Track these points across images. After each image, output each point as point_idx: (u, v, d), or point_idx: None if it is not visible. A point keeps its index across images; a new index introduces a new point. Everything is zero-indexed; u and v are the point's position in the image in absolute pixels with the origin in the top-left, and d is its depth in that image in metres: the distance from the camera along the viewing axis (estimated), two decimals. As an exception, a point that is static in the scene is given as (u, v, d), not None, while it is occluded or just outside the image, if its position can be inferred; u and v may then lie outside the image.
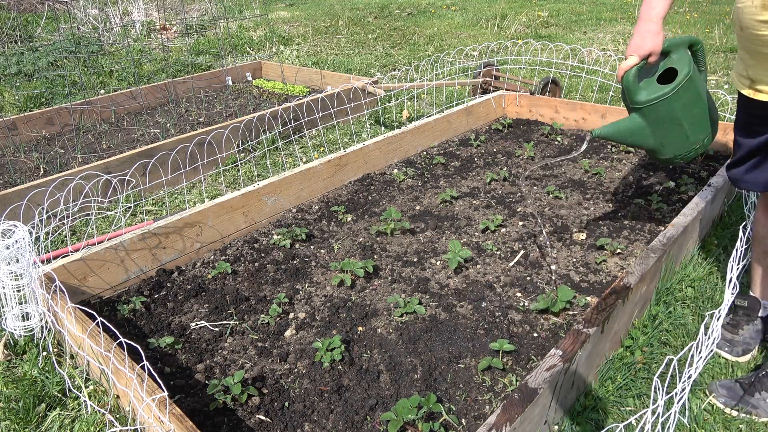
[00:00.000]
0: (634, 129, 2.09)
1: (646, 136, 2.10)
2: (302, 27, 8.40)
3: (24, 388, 1.91)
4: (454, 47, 6.81)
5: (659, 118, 2.04)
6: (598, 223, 2.80)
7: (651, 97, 2.01)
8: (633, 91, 2.03)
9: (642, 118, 2.06)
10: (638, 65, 2.00)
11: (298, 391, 1.84)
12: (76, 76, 5.65)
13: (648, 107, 2.03)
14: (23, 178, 3.48)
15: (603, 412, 1.81)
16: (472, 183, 3.28)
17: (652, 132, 2.08)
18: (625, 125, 2.10)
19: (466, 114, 4.02)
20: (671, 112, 2.02)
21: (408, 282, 2.39)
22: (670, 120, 2.04)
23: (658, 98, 2.00)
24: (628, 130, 2.10)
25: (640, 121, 2.07)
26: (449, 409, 1.76)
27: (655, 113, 2.03)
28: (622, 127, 2.11)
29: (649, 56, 1.99)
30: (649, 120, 2.05)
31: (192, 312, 2.24)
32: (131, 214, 3.11)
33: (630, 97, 2.05)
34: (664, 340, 2.11)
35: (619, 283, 1.96)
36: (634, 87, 2.03)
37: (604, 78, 5.07)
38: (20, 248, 1.97)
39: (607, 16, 8.45)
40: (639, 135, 2.10)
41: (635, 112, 2.08)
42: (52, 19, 8.02)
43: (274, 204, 2.89)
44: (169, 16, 8.65)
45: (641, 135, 2.10)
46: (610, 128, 2.13)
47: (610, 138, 2.14)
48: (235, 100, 4.93)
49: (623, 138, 2.13)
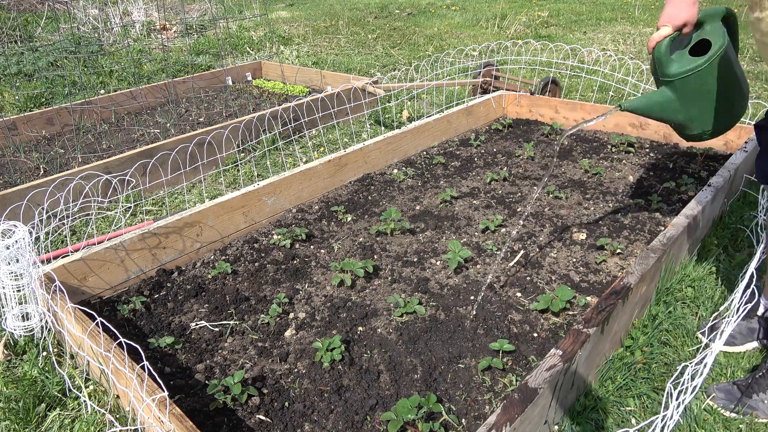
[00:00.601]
0: (664, 103, 2.01)
1: (675, 110, 2.02)
2: (302, 27, 8.40)
3: (24, 388, 1.91)
4: (454, 47, 6.81)
5: (690, 91, 1.96)
6: (598, 223, 2.80)
7: (683, 69, 1.92)
8: (665, 63, 1.95)
9: (672, 91, 1.98)
10: (671, 36, 1.92)
11: (298, 391, 1.84)
12: (76, 76, 5.65)
13: (679, 80, 1.94)
14: (23, 178, 3.48)
15: (603, 412, 1.81)
16: (472, 183, 3.28)
17: (681, 106, 2.00)
18: (654, 99, 2.02)
19: (466, 114, 4.02)
20: (703, 85, 1.94)
21: (408, 282, 2.39)
22: (702, 94, 1.96)
23: (690, 71, 1.91)
24: (657, 104, 2.02)
25: (670, 94, 1.99)
26: (449, 409, 1.76)
27: (687, 87, 1.95)
28: (652, 100, 2.02)
29: (684, 27, 1.91)
30: (679, 94, 1.97)
31: (192, 312, 2.24)
32: (131, 214, 3.11)
33: (661, 70, 1.97)
34: (664, 340, 2.11)
35: (619, 283, 1.96)
36: (666, 59, 1.94)
37: (604, 78, 5.07)
38: (20, 248, 1.97)
39: (607, 16, 8.45)
40: (668, 109, 2.02)
41: (665, 86, 1.99)
42: (52, 19, 8.02)
43: (274, 204, 2.89)
44: (169, 16, 8.65)
45: (670, 109, 2.02)
46: (639, 101, 2.04)
47: (638, 111, 2.05)
48: (235, 100, 4.93)
49: (651, 112, 2.05)
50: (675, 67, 1.94)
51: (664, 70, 1.96)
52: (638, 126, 3.78)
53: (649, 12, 8.62)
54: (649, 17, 8.23)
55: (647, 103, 2.04)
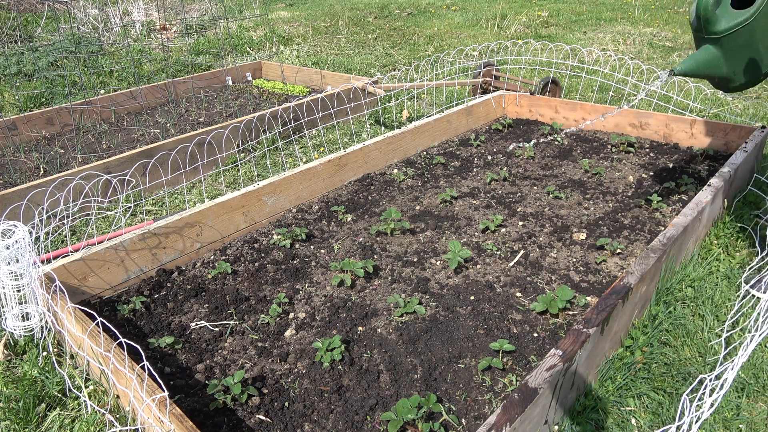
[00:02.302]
0: (710, 60, 2.04)
1: (720, 66, 2.05)
2: (302, 27, 8.40)
3: (24, 388, 1.91)
4: (454, 47, 6.81)
5: (736, 46, 1.97)
6: (598, 223, 2.80)
7: (731, 24, 1.93)
8: (712, 20, 1.95)
9: (718, 48, 2.00)
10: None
11: (298, 391, 1.84)
12: (76, 76, 5.65)
13: (726, 36, 1.95)
14: (23, 178, 3.48)
15: (603, 412, 1.81)
16: (472, 183, 3.28)
17: (726, 61, 2.03)
18: (702, 57, 2.04)
19: (466, 114, 4.02)
20: (750, 38, 1.95)
21: (408, 282, 2.39)
22: (747, 47, 1.97)
23: (738, 25, 1.92)
24: (705, 62, 2.05)
25: (716, 51, 2.01)
26: (449, 409, 1.76)
27: (733, 42, 1.96)
28: (699, 59, 2.05)
29: None
30: (725, 49, 1.99)
31: (192, 312, 2.24)
32: (131, 214, 3.11)
33: (708, 27, 1.97)
34: (664, 340, 2.11)
35: (619, 283, 1.96)
36: (712, 15, 1.95)
37: (604, 78, 5.07)
38: (20, 248, 1.97)
39: (607, 16, 8.45)
40: (714, 66, 2.05)
41: (710, 43, 2.01)
42: (52, 19, 8.02)
43: (274, 204, 2.89)
44: (169, 16, 8.65)
45: (716, 66, 2.05)
46: (690, 63, 2.07)
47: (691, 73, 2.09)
48: (235, 100, 4.93)
49: (701, 70, 2.07)
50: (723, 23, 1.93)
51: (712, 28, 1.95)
52: (638, 126, 3.78)
53: (649, 12, 8.62)
54: (649, 17, 8.23)
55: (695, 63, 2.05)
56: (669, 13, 8.52)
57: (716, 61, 2.03)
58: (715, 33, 1.97)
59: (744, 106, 4.45)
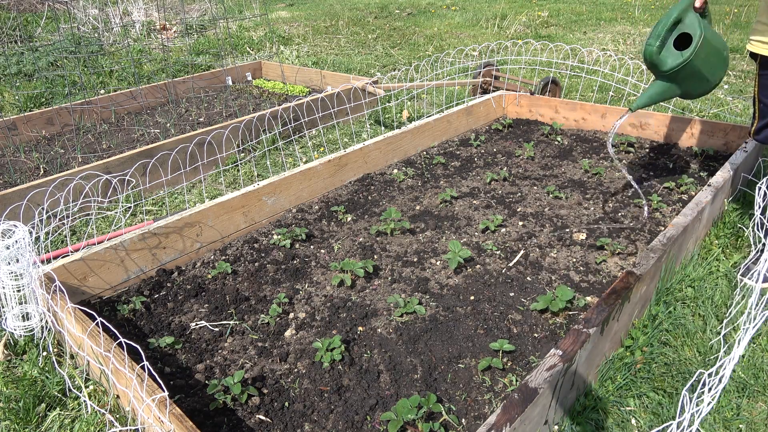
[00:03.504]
0: (664, 91, 2.47)
1: (674, 91, 2.48)
2: (302, 27, 8.40)
3: (24, 388, 1.91)
4: (454, 47, 6.81)
5: (684, 76, 2.39)
6: (598, 223, 2.80)
7: (676, 62, 2.34)
8: (659, 63, 2.38)
9: (669, 81, 2.43)
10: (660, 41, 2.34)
11: (298, 391, 1.84)
12: (76, 76, 5.65)
13: (674, 71, 2.37)
14: (23, 178, 3.48)
15: (603, 412, 1.81)
16: (472, 183, 3.28)
17: (678, 87, 2.46)
18: (655, 91, 2.48)
19: (466, 114, 4.02)
20: (693, 68, 2.36)
21: (408, 282, 2.39)
22: (693, 74, 2.39)
23: (682, 62, 2.33)
24: (658, 94, 2.48)
25: (668, 83, 2.44)
26: (449, 409, 1.76)
27: (681, 73, 2.38)
28: (653, 93, 2.48)
29: None
30: (675, 80, 2.42)
31: (192, 312, 2.24)
32: (131, 214, 3.11)
33: (658, 69, 2.40)
34: (664, 340, 2.11)
35: (619, 283, 1.96)
36: (658, 59, 2.37)
37: (604, 78, 5.07)
38: (20, 248, 1.97)
39: (607, 16, 8.45)
40: (669, 93, 2.48)
41: (661, 79, 2.44)
42: (52, 19, 8.02)
43: (274, 204, 2.89)
44: (169, 16, 8.65)
45: (671, 92, 2.48)
46: (643, 98, 2.50)
47: (646, 105, 2.53)
48: (235, 100, 4.93)
49: (655, 101, 2.51)
50: (669, 62, 2.36)
51: (660, 69, 2.40)
52: (638, 126, 3.78)
53: (649, 12, 8.62)
54: (649, 17, 8.23)
55: (651, 96, 2.49)
56: (669, 13, 8.50)
57: (670, 89, 2.47)
58: (664, 72, 2.40)
59: (744, 106, 4.45)
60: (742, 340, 1.68)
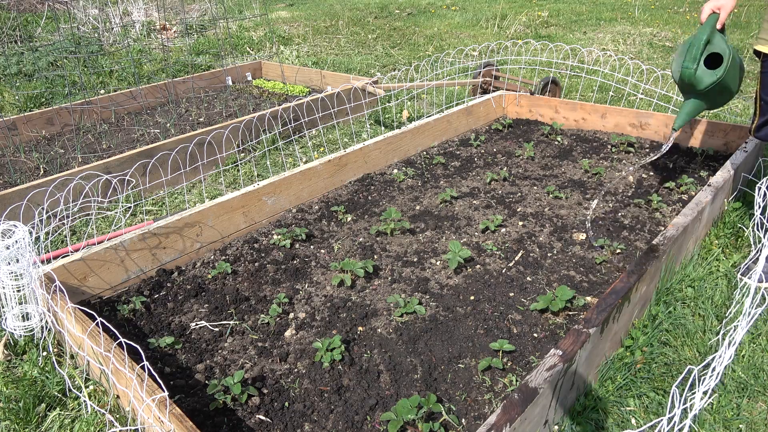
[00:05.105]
0: (699, 106, 2.63)
1: (704, 106, 2.65)
2: (302, 27, 8.40)
3: (24, 388, 1.91)
4: (454, 47, 6.81)
5: (715, 92, 2.56)
6: (598, 223, 2.80)
7: (711, 81, 2.49)
8: (696, 82, 2.52)
9: (702, 98, 2.60)
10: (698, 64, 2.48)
11: (298, 391, 1.84)
12: (76, 76, 5.65)
13: (708, 89, 2.52)
14: (23, 178, 3.48)
15: (603, 412, 1.81)
16: (472, 183, 3.28)
17: (708, 102, 2.64)
18: (692, 108, 2.63)
19: (466, 114, 4.02)
20: (723, 85, 2.53)
21: (408, 282, 2.39)
22: (722, 91, 2.56)
23: (715, 81, 2.48)
24: (694, 110, 2.64)
25: (701, 100, 2.61)
26: (449, 409, 1.76)
27: (713, 91, 2.54)
28: (691, 110, 2.64)
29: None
30: (708, 97, 2.59)
31: (192, 312, 2.24)
32: (131, 214, 3.11)
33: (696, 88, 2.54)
34: (664, 340, 2.11)
35: (619, 283, 1.96)
36: (695, 79, 2.51)
37: (604, 78, 5.07)
38: (20, 248, 1.97)
39: (607, 16, 8.45)
40: (701, 108, 2.65)
41: (696, 97, 2.60)
42: (52, 19, 8.02)
43: (274, 204, 2.89)
44: (169, 16, 8.65)
45: (702, 107, 2.65)
46: (683, 117, 2.66)
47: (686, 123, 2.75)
48: (235, 100, 4.93)
49: (692, 117, 2.67)
50: (705, 81, 2.50)
51: (698, 87, 2.53)
52: (638, 126, 3.78)
53: (649, 12, 8.62)
54: (649, 17, 8.23)
55: (689, 113, 2.65)
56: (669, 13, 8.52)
57: (702, 105, 2.63)
58: (700, 90, 2.54)
59: (744, 106, 4.45)
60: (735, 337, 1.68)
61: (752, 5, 8.67)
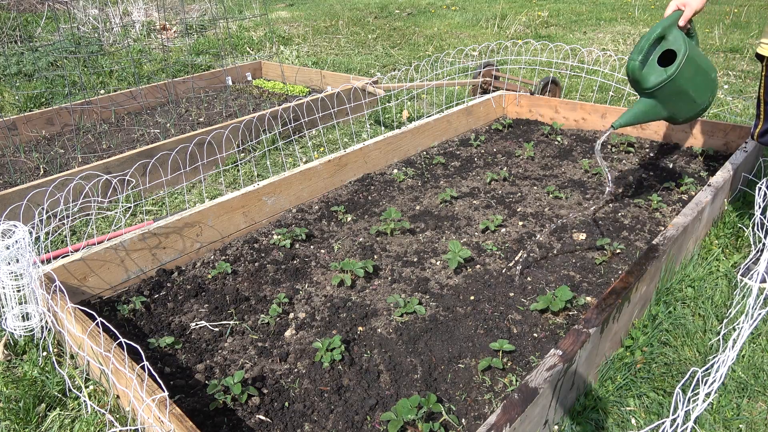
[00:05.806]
0: (648, 110, 2.35)
1: (659, 111, 2.36)
2: (302, 27, 8.40)
3: (24, 388, 1.91)
4: (454, 47, 6.81)
5: (668, 94, 2.29)
6: (598, 223, 2.80)
7: (659, 80, 2.25)
8: (641, 79, 2.28)
9: (652, 99, 2.32)
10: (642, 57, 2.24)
11: (298, 391, 1.84)
12: (76, 76, 5.65)
13: (657, 89, 2.27)
14: (23, 178, 3.48)
15: (603, 412, 1.81)
16: (472, 183, 3.28)
17: (664, 107, 2.34)
18: (639, 109, 2.36)
19: (466, 114, 4.02)
20: (678, 87, 2.26)
21: (408, 282, 2.39)
22: (678, 93, 2.29)
23: (665, 80, 2.24)
24: (642, 112, 2.36)
25: (652, 101, 2.33)
26: (449, 409, 1.76)
27: (664, 92, 2.28)
28: (637, 111, 2.36)
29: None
30: (659, 99, 2.31)
31: (192, 312, 2.24)
32: (131, 214, 3.11)
33: (640, 85, 2.30)
34: (664, 340, 2.11)
35: (619, 283, 1.96)
36: (640, 76, 2.27)
37: (604, 78, 5.07)
38: (20, 248, 1.97)
39: (607, 16, 8.45)
40: (653, 113, 2.36)
41: (646, 96, 2.33)
42: (52, 19, 8.02)
43: (274, 204, 2.89)
44: (169, 16, 8.65)
45: (655, 112, 2.36)
46: (627, 116, 2.37)
47: (629, 124, 2.38)
48: (235, 100, 4.93)
49: (640, 120, 2.38)
50: (652, 80, 2.26)
51: (643, 85, 2.29)
52: (638, 126, 3.78)
53: (649, 12, 8.62)
54: (649, 17, 8.23)
55: (634, 115, 2.37)
56: (669, 13, 8.51)
57: (654, 109, 2.35)
58: (647, 89, 2.29)
59: (744, 106, 4.46)
60: (738, 338, 1.68)
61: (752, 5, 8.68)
